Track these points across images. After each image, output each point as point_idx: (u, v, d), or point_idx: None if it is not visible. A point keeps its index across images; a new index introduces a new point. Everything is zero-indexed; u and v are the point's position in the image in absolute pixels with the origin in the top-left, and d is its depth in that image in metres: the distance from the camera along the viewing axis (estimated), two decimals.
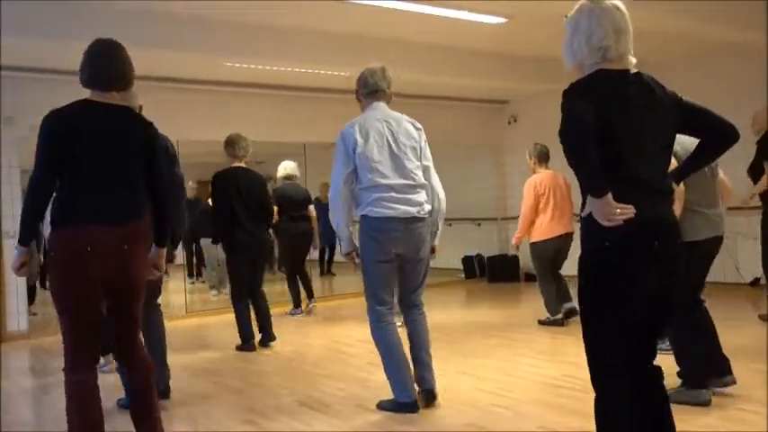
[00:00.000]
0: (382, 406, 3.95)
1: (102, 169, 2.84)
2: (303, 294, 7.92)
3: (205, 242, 9.42)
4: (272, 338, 6.05)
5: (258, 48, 6.69)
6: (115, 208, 2.85)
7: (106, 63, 2.91)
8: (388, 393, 3.96)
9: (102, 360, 5.30)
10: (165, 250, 3.13)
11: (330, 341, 6.28)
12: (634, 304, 2.26)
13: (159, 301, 4.40)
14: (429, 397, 3.95)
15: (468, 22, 6.59)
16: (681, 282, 2.40)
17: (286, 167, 7.64)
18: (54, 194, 2.85)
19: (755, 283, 7.68)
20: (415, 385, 3.95)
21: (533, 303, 7.72)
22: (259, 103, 8.77)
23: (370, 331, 3.96)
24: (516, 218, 11.49)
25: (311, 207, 7.71)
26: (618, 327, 2.27)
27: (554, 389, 4.25)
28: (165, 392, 4.29)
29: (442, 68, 7.83)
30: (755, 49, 7.17)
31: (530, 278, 10.38)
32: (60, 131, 2.79)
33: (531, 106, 10.38)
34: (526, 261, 10.57)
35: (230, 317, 6.32)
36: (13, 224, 7.30)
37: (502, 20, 6.59)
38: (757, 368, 4.29)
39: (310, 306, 7.95)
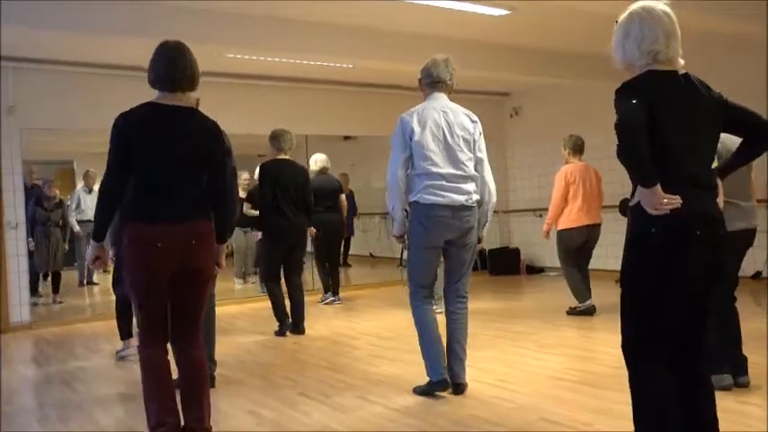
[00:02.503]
0: (417, 390, 4.06)
1: (167, 169, 2.98)
2: (310, 284, 8.00)
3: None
4: (302, 332, 6.23)
5: (260, 39, 6.68)
6: (181, 206, 2.99)
7: (170, 65, 3.03)
8: (389, 386, 3.99)
9: (122, 344, 5.44)
10: (224, 246, 3.26)
11: (334, 333, 6.29)
12: (676, 290, 2.36)
13: (214, 291, 4.50)
14: (459, 390, 4.06)
15: (471, 13, 6.57)
16: (725, 273, 2.50)
17: (320, 161, 7.86)
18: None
19: (757, 276, 7.71)
20: (447, 377, 4.08)
21: (534, 296, 7.75)
22: (260, 95, 8.77)
23: (410, 310, 4.08)
24: (517, 211, 11.50)
25: (342, 197, 7.91)
26: (658, 314, 2.37)
27: (556, 381, 4.27)
28: (211, 382, 4.39)
29: None
30: (757, 41, 7.17)
31: (531, 271, 10.43)
32: (128, 133, 2.94)
33: (534, 99, 10.36)
34: (527, 254, 10.62)
35: (234, 308, 6.36)
36: (15, 215, 7.32)
37: (504, 12, 6.57)
38: (757, 361, 4.29)
39: (336, 302, 8.09)
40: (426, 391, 4.01)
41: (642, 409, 2.40)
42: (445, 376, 3.98)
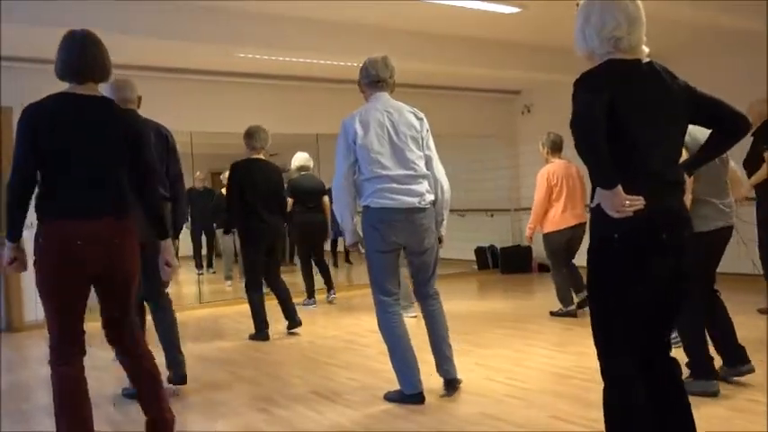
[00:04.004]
0: (389, 397, 3.98)
1: (82, 162, 2.81)
2: (317, 285, 7.96)
3: (220, 232, 9.48)
4: (298, 324, 6.16)
5: (271, 38, 6.70)
6: (99, 201, 2.83)
7: (80, 54, 2.85)
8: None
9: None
10: (169, 242, 3.09)
11: (343, 331, 6.30)
12: (643, 295, 2.25)
13: (168, 290, 4.44)
14: (453, 386, 4.00)
15: (482, 11, 6.57)
16: (691, 274, 2.37)
17: (299, 159, 7.71)
18: (37, 188, 2.85)
19: None
20: (439, 375, 4.02)
21: (546, 294, 7.71)
22: (272, 94, 8.79)
23: (376, 321, 3.99)
24: (529, 209, 11.49)
25: (325, 198, 7.78)
26: (626, 318, 2.26)
27: (566, 379, 4.26)
28: (183, 379, 4.32)
29: (455, 58, 7.81)
30: (759, 38, 7.11)
31: (542, 269, 10.38)
32: (37, 126, 2.77)
33: (545, 96, 10.33)
34: (539, 252, 10.57)
35: (244, 307, 6.38)
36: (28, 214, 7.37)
37: (515, 9, 6.56)
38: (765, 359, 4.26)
39: (331, 297, 8.02)
40: (398, 399, 3.90)
41: (615, 423, 2.29)
42: (420, 390, 3.85)
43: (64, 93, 2.88)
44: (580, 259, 6.59)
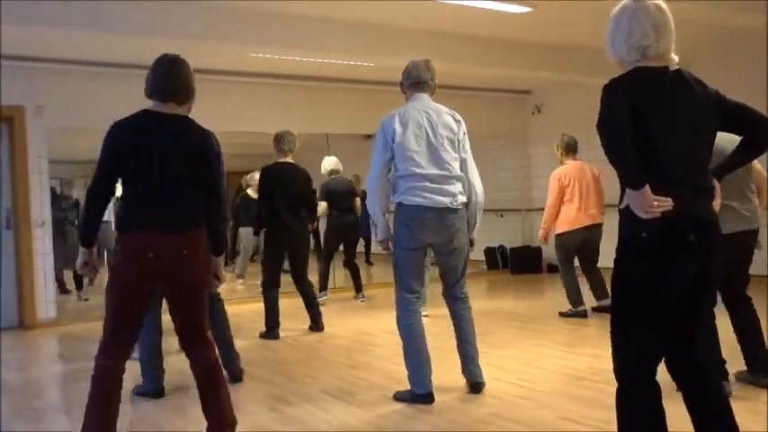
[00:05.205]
0: (399, 397, 3.99)
1: (158, 179, 3.00)
2: (331, 282, 8.05)
3: (244, 231, 9.51)
4: (319, 329, 6.25)
5: (284, 38, 6.70)
6: (174, 216, 3.00)
7: (165, 76, 3.09)
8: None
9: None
10: (222, 258, 3.23)
11: (355, 331, 6.31)
12: (666, 298, 2.26)
13: (219, 290, 4.50)
14: (477, 389, 4.01)
15: (493, 11, 6.55)
16: (717, 277, 2.38)
17: (330, 163, 7.87)
18: (119, 200, 3.05)
19: None
20: (464, 377, 4.06)
21: (556, 295, 7.70)
22: (283, 94, 8.79)
23: (395, 318, 3.99)
24: (540, 209, 11.43)
25: (357, 199, 7.92)
26: (647, 318, 2.27)
27: (576, 380, 4.25)
28: (238, 376, 4.50)
29: (465, 58, 7.79)
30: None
31: (552, 269, 10.34)
32: (120, 143, 3.00)
33: (556, 96, 10.30)
34: (549, 252, 10.55)
35: (257, 306, 6.41)
36: (41, 213, 7.43)
37: (526, 9, 6.54)
38: None
39: (361, 299, 8.11)
40: (409, 399, 3.92)
41: (628, 424, 2.29)
42: (430, 390, 3.88)
43: (147, 110, 3.08)
44: (604, 261, 6.64)
